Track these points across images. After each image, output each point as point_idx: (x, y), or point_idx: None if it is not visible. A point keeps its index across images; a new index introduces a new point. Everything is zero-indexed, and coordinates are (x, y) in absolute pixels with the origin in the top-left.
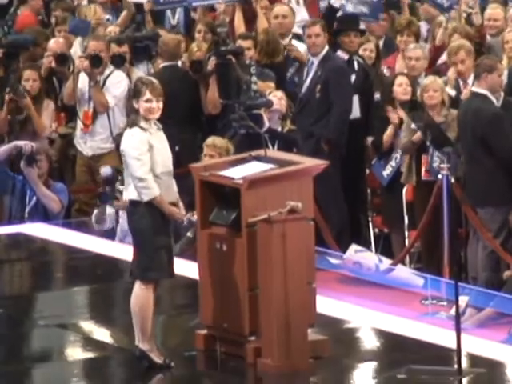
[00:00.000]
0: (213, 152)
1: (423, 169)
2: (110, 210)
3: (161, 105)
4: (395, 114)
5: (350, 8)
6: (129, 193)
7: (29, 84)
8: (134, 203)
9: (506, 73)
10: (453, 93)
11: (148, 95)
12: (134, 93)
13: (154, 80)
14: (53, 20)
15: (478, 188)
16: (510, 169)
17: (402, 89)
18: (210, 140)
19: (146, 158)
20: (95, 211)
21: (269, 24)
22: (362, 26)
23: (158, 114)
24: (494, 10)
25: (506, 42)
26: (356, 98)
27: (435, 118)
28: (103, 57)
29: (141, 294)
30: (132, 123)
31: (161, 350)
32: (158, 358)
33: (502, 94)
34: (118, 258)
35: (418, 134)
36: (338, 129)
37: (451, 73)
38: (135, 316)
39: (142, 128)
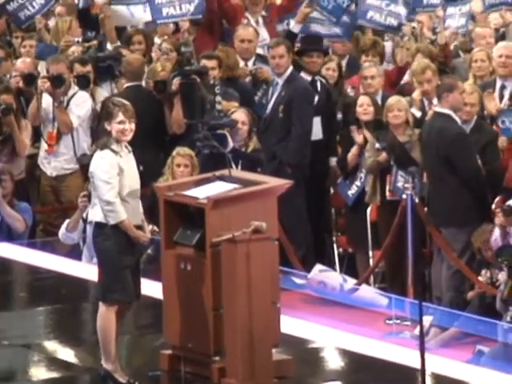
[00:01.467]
0: (187, 161)
1: (387, 188)
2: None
3: (133, 126)
4: (360, 134)
5: (320, 29)
6: (94, 214)
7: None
8: (99, 225)
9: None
10: (418, 114)
11: (121, 117)
12: (106, 114)
13: (125, 101)
14: (16, 41)
15: (441, 208)
16: (473, 188)
17: (362, 109)
18: (182, 150)
19: (115, 182)
20: (69, 220)
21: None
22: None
23: (130, 136)
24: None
25: (475, 60)
26: (318, 120)
27: (400, 137)
28: (65, 78)
29: (103, 315)
30: (103, 145)
31: (125, 370)
32: (122, 378)
33: (475, 116)
34: (83, 278)
35: (384, 155)
36: (298, 151)
37: (416, 94)
38: (99, 336)
39: (113, 151)
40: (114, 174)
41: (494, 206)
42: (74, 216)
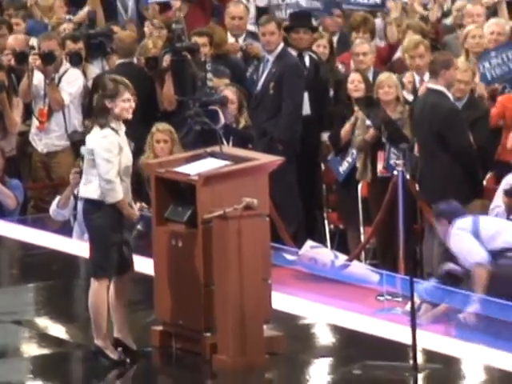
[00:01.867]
0: (167, 137)
1: (379, 165)
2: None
3: (133, 104)
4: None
5: (303, 3)
6: (88, 191)
7: None
8: (92, 202)
9: None
10: (410, 97)
11: (127, 95)
12: (110, 92)
13: (125, 79)
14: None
15: (433, 184)
16: (465, 164)
17: (353, 86)
18: (161, 125)
19: (116, 161)
20: (60, 196)
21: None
22: (315, 23)
23: (131, 114)
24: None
25: (472, 36)
26: (305, 95)
27: (391, 114)
28: (57, 55)
29: (95, 292)
30: (103, 124)
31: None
32: (113, 354)
33: (468, 92)
34: (74, 254)
35: (371, 132)
36: (289, 127)
37: (407, 76)
38: (91, 313)
39: (113, 129)
40: (116, 154)
41: (485, 183)
42: (65, 193)
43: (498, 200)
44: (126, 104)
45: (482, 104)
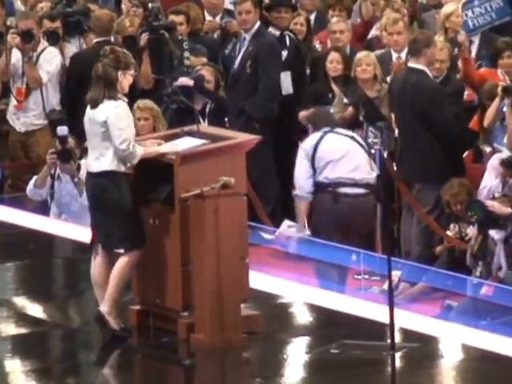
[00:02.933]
0: (147, 115)
1: None
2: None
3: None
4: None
5: None
6: (103, 165)
7: None
8: (107, 174)
9: None
10: None
11: (133, 69)
12: (125, 64)
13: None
14: None
15: (413, 163)
16: (447, 144)
17: (332, 66)
18: (142, 103)
19: (131, 130)
20: (37, 176)
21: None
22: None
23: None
24: None
25: (457, 15)
26: (288, 74)
27: (368, 92)
28: (35, 33)
29: (124, 264)
30: (114, 95)
31: (93, 325)
32: (114, 324)
33: (445, 72)
34: (52, 233)
35: (350, 110)
36: (266, 106)
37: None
38: (114, 283)
39: (123, 100)
40: (129, 123)
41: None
42: (42, 172)
43: (487, 179)
44: (131, 78)
45: (457, 81)
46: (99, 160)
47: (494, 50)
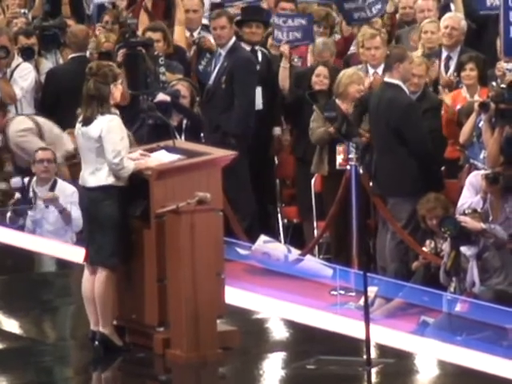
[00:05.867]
0: None
1: (339, 158)
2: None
3: None
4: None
5: (280, 36)
6: (99, 179)
7: None
8: (103, 189)
9: None
10: None
11: (120, 78)
12: (113, 77)
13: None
14: None
15: (388, 178)
16: (421, 159)
17: (318, 79)
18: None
19: (124, 144)
20: (10, 213)
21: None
22: None
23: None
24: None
25: (425, 32)
26: (259, 90)
27: (348, 108)
28: (9, 49)
29: (105, 280)
30: (104, 110)
31: (69, 340)
32: (118, 342)
33: (423, 85)
34: (28, 249)
35: (334, 127)
36: (242, 122)
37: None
38: (99, 301)
39: (116, 114)
40: (123, 136)
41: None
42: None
43: (466, 196)
44: (121, 86)
45: (435, 96)
46: (95, 175)
47: (458, 64)
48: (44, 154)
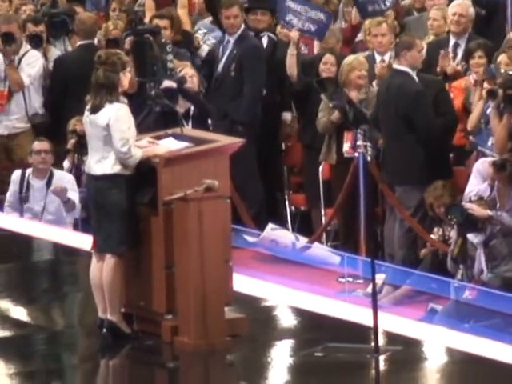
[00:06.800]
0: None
1: (345, 146)
2: None
3: None
4: None
5: (294, 22)
6: (105, 168)
7: None
8: (110, 178)
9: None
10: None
11: (129, 65)
12: (122, 65)
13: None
14: None
15: (397, 165)
16: (429, 146)
17: (326, 67)
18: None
19: (131, 133)
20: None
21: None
22: None
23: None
24: None
25: (433, 19)
26: None
27: (356, 95)
28: (17, 37)
29: (113, 268)
30: (113, 98)
31: (77, 327)
32: (127, 329)
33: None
34: (35, 236)
35: (336, 113)
36: (250, 110)
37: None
38: (107, 289)
39: (124, 102)
40: (130, 125)
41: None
42: None
43: (473, 183)
44: (129, 74)
45: (435, 78)
46: (101, 163)
47: (467, 51)
48: (41, 145)
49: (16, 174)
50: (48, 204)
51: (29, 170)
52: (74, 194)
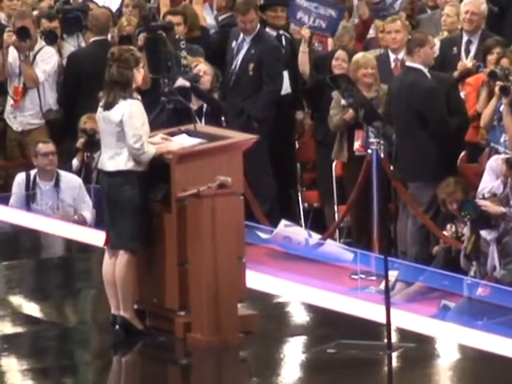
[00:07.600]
0: None
1: (356, 144)
2: None
3: None
4: None
5: (305, 19)
6: (118, 164)
7: None
8: (123, 174)
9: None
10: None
11: (142, 61)
12: (135, 62)
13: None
14: None
15: (409, 162)
16: (442, 143)
17: (337, 63)
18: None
19: (145, 130)
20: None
21: None
22: None
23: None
24: None
25: (447, 15)
26: (286, 74)
27: (367, 93)
28: (32, 33)
29: (126, 264)
30: (127, 95)
31: (90, 323)
32: (139, 325)
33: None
34: (48, 232)
35: (350, 112)
36: (267, 108)
37: None
38: (120, 285)
39: (137, 99)
40: (144, 122)
41: (458, 162)
42: None
43: (487, 180)
44: (143, 70)
45: (447, 75)
46: (114, 159)
47: (484, 47)
48: (47, 147)
49: (20, 177)
50: (58, 205)
51: (33, 172)
52: (84, 206)
